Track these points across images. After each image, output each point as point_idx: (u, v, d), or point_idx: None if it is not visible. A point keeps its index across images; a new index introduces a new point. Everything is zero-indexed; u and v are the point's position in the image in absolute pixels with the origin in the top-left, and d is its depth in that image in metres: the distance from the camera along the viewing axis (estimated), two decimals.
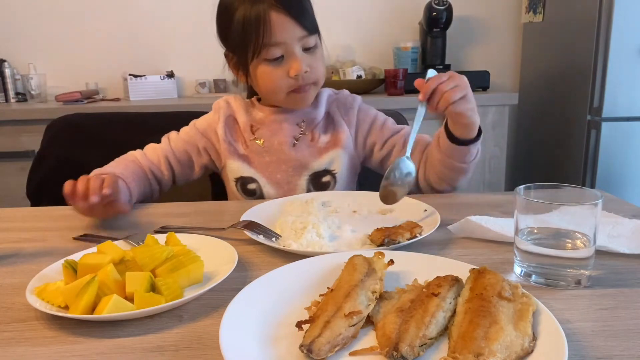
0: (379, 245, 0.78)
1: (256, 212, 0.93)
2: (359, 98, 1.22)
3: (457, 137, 0.99)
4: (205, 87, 2.69)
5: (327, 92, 1.21)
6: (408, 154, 0.93)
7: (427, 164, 1.08)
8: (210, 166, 1.21)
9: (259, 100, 1.21)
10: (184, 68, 2.71)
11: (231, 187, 1.18)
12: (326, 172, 1.15)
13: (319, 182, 1.15)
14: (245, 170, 1.15)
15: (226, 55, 1.15)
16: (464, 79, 0.92)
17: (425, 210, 0.92)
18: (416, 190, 1.14)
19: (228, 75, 1.21)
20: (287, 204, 0.98)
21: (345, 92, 1.24)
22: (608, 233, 0.79)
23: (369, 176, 1.26)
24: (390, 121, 1.20)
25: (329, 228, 0.87)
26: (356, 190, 1.22)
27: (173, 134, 1.21)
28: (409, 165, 0.92)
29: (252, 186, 1.15)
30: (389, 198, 0.92)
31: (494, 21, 2.72)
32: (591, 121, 2.11)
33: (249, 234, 0.81)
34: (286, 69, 1.05)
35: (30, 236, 0.90)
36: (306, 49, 1.05)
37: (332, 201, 1.02)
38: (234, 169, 1.16)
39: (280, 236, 0.82)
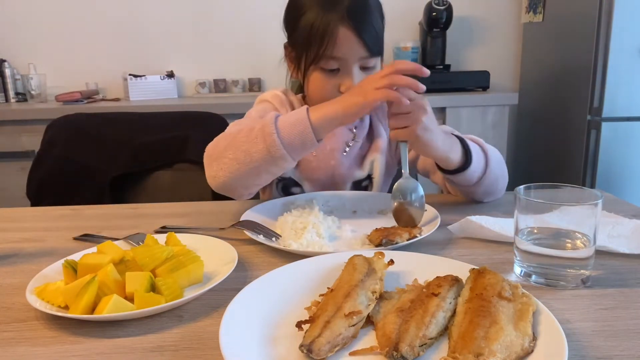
0: (377, 246, 0.78)
1: (256, 212, 0.93)
2: None
3: (441, 165, 0.95)
4: (205, 87, 2.69)
5: None
6: (406, 173, 0.89)
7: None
8: None
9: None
10: (184, 68, 2.71)
11: (271, 186, 1.15)
12: (367, 177, 1.14)
13: (360, 187, 1.14)
14: (292, 172, 1.12)
15: (285, 47, 1.11)
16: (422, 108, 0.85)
17: (426, 210, 0.92)
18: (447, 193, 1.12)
19: (278, 70, 1.16)
20: (287, 203, 0.99)
21: None
22: (608, 233, 0.79)
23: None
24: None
25: (329, 228, 0.87)
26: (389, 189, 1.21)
27: (253, 111, 1.12)
28: (410, 185, 0.89)
29: (295, 190, 1.13)
30: (405, 220, 0.88)
31: (494, 21, 2.72)
32: (591, 121, 2.10)
33: (249, 233, 0.81)
34: (338, 82, 1.02)
35: (30, 236, 0.90)
36: (364, 68, 1.03)
37: (332, 201, 1.02)
38: None
39: (281, 236, 0.82)
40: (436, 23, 2.45)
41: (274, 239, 0.81)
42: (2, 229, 0.95)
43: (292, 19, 1.06)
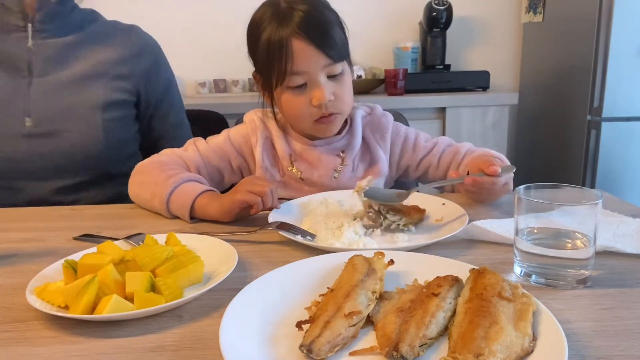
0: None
1: (278, 215, 0.92)
2: (391, 117, 1.17)
3: None
4: (205, 87, 2.69)
5: (360, 113, 1.16)
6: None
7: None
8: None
9: None
10: (184, 68, 2.70)
11: None
12: None
13: None
14: (282, 193, 1.09)
15: (254, 76, 1.11)
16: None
17: (444, 204, 0.93)
18: (442, 191, 1.14)
19: (240, 77, 1.18)
20: (303, 204, 0.98)
21: (378, 110, 1.19)
22: (613, 232, 0.79)
23: None
24: (422, 138, 1.15)
25: (361, 226, 0.87)
26: None
27: (201, 143, 1.13)
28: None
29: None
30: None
31: (494, 21, 2.72)
32: (591, 121, 2.11)
33: (285, 234, 0.81)
34: (309, 97, 1.01)
35: (30, 236, 0.90)
36: (332, 76, 1.01)
37: (344, 200, 1.01)
38: None
39: (315, 235, 0.82)
40: (436, 23, 2.45)
41: (308, 237, 0.81)
42: (2, 229, 0.95)
43: (252, 42, 1.05)
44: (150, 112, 1.32)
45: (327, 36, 0.99)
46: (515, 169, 0.90)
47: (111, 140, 1.18)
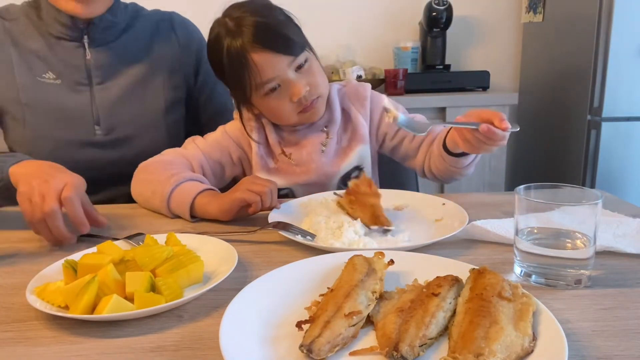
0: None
1: (278, 214, 0.92)
2: (368, 86, 1.20)
3: (450, 149, 1.02)
4: None
5: (335, 87, 1.20)
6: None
7: (431, 157, 1.11)
8: (240, 177, 1.13)
9: None
10: None
11: None
12: (355, 169, 1.15)
13: (349, 179, 1.12)
14: (278, 181, 1.09)
15: (231, 94, 1.14)
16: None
17: (444, 204, 0.94)
18: (421, 176, 1.17)
19: None
20: (303, 204, 0.98)
21: (353, 82, 1.23)
22: (613, 232, 0.79)
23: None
24: (401, 110, 1.17)
25: (362, 226, 0.87)
26: (378, 179, 1.23)
27: (200, 140, 1.15)
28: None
29: (284, 192, 1.14)
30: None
31: (494, 21, 2.72)
32: (591, 121, 2.10)
33: (285, 234, 0.81)
34: (287, 95, 1.04)
35: (30, 236, 0.90)
36: (299, 67, 1.04)
37: None
38: None
39: (315, 235, 0.82)
40: (436, 23, 2.45)
41: (308, 237, 0.81)
42: (2, 229, 0.95)
43: (216, 66, 1.08)
44: (201, 103, 1.32)
45: (282, 37, 1.01)
46: (519, 129, 0.90)
47: (176, 143, 1.18)
